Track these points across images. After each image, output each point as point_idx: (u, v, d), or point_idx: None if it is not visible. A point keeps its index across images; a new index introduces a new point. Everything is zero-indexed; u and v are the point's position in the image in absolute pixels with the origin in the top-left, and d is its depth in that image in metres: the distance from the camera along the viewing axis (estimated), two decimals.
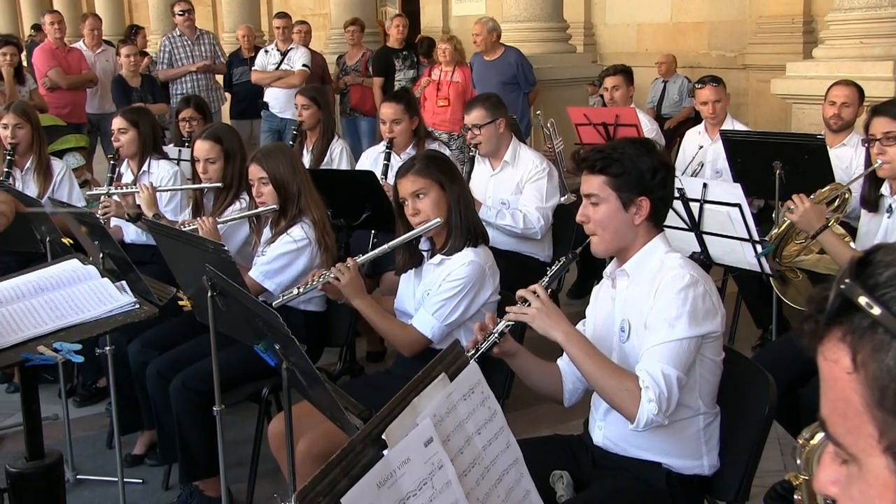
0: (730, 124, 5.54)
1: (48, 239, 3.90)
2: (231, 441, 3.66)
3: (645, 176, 2.49)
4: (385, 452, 1.41)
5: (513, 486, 1.70)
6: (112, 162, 5.13)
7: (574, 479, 2.60)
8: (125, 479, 3.65)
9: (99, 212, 4.62)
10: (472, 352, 2.56)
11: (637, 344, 2.50)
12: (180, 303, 3.35)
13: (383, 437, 1.42)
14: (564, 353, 2.73)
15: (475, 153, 4.94)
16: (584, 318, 2.83)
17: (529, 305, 2.51)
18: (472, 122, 4.81)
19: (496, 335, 2.56)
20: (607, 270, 2.71)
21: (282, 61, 8.96)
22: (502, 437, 1.71)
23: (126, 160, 5.09)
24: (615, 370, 2.43)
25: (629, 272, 2.58)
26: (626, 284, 2.60)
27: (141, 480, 4.01)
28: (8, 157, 4.96)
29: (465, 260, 3.22)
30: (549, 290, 2.59)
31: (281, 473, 3.44)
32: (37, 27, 12.87)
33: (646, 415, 2.33)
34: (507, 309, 2.57)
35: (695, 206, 3.78)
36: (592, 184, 2.53)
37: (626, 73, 6.21)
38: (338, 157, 5.69)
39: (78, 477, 3.97)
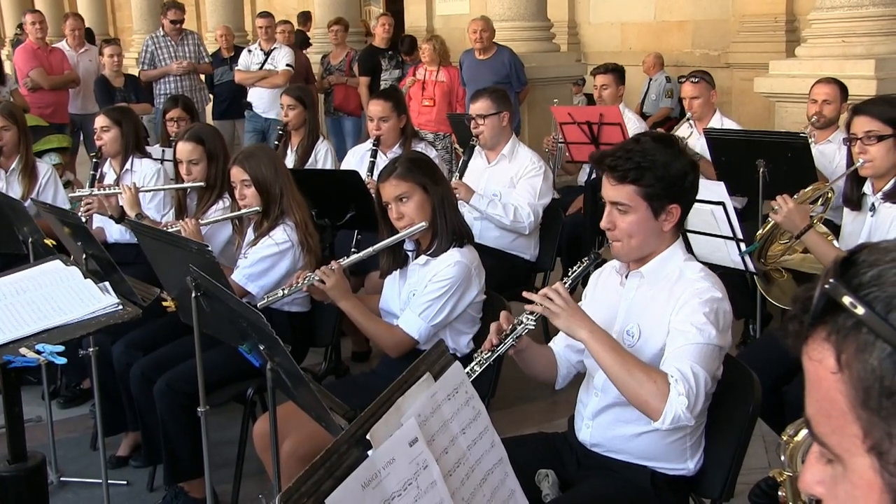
0: (718, 121, 5.54)
1: (31, 240, 3.87)
2: (216, 442, 3.65)
3: (677, 182, 2.41)
4: (370, 453, 1.40)
5: (498, 485, 1.70)
6: (95, 160, 5.10)
7: (559, 478, 2.60)
8: (109, 481, 3.63)
9: (81, 209, 4.60)
10: (488, 353, 2.51)
11: (648, 350, 2.45)
12: (164, 304, 3.33)
13: (368, 437, 1.42)
14: (557, 337, 2.73)
15: (476, 142, 4.95)
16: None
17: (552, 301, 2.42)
18: (477, 111, 4.85)
19: (513, 338, 2.50)
20: (616, 265, 2.65)
21: (265, 61, 8.93)
22: (487, 436, 1.70)
23: (108, 159, 5.07)
24: (641, 365, 2.33)
25: (645, 274, 2.52)
26: (636, 285, 2.55)
27: (125, 482, 3.98)
28: None
29: (452, 260, 3.21)
30: (569, 289, 2.51)
31: (266, 474, 3.43)
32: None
33: (674, 409, 2.22)
34: (527, 296, 2.47)
35: None
36: (621, 193, 2.42)
37: (616, 72, 6.20)
38: (322, 157, 5.68)
39: (62, 479, 3.94)
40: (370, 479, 1.37)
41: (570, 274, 2.62)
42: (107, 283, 2.48)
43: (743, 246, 3.67)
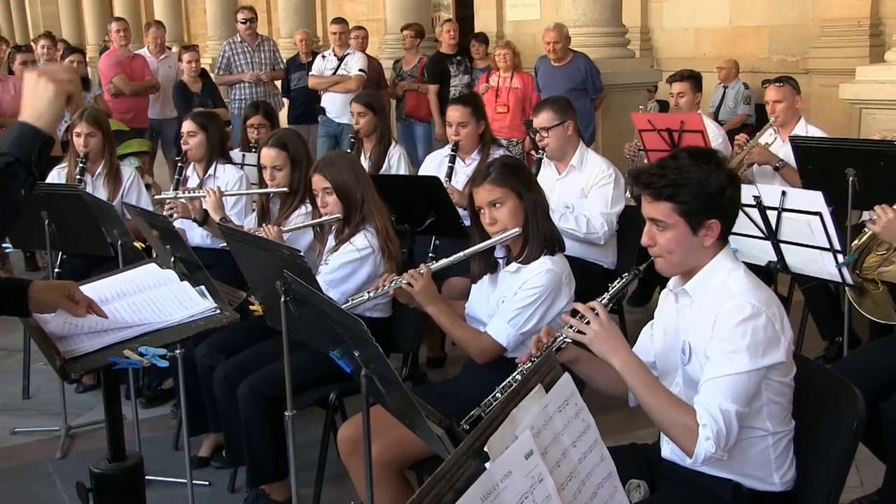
0: (803, 128, 5.41)
1: (119, 242, 3.94)
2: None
3: (714, 198, 2.40)
4: (487, 465, 1.39)
5: (607, 499, 1.67)
6: (179, 164, 5.19)
7: (650, 489, 2.57)
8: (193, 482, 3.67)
9: (164, 212, 4.68)
10: (529, 365, 2.54)
11: (699, 368, 2.43)
12: (251, 307, 3.36)
13: (485, 449, 1.40)
14: None
15: (542, 155, 4.92)
16: (644, 326, 2.78)
17: (588, 323, 2.45)
18: (540, 124, 4.81)
19: (552, 351, 2.51)
20: (670, 284, 2.64)
21: (339, 66, 9.00)
22: (596, 449, 1.68)
23: (192, 163, 5.15)
24: (673, 403, 2.37)
25: (690, 292, 2.51)
26: (688, 303, 2.53)
27: (207, 483, 4.03)
28: (80, 164, 5.05)
29: (543, 268, 3.19)
30: (609, 308, 2.54)
31: (346, 478, 3.44)
32: None
33: (703, 453, 2.28)
34: (564, 319, 2.53)
35: (772, 214, 3.69)
36: (658, 210, 2.43)
37: (693, 79, 6.09)
38: (396, 163, 5.68)
39: (146, 478, 3.99)
40: (489, 492, 1.35)
41: (609, 290, 2.63)
42: (203, 287, 2.50)
43: (840, 257, 3.57)
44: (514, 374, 2.62)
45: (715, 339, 2.35)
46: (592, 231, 4.68)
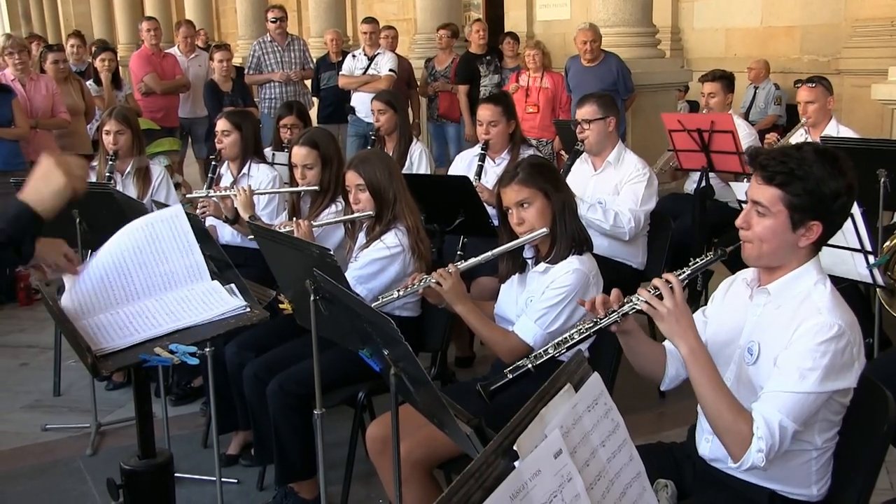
0: (834, 129, 5.37)
1: None
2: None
3: (826, 200, 2.30)
4: (516, 464, 1.39)
5: (636, 499, 1.66)
6: (213, 163, 5.22)
7: (678, 488, 2.55)
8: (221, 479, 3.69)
9: (197, 211, 4.72)
10: (590, 324, 2.49)
11: (763, 372, 2.37)
12: (281, 306, 3.37)
13: (515, 447, 1.40)
14: None
15: (581, 147, 4.92)
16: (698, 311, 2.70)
17: (661, 298, 2.36)
18: (583, 116, 4.85)
19: (618, 315, 2.45)
20: (748, 277, 2.57)
21: (369, 66, 9.02)
22: (625, 449, 1.67)
23: (226, 162, 5.18)
24: (734, 407, 2.28)
25: (772, 293, 2.44)
26: (763, 302, 2.46)
27: (236, 480, 4.06)
28: (110, 162, 5.10)
29: (570, 268, 3.19)
30: (685, 284, 2.44)
31: (374, 477, 3.45)
32: None
33: (751, 461, 2.24)
34: (639, 293, 2.41)
35: None
36: (765, 194, 2.34)
37: (725, 79, 6.05)
38: (417, 159, 5.68)
39: (176, 475, 4.01)
40: (518, 491, 1.35)
41: (690, 264, 2.52)
42: (233, 286, 2.52)
43: (871, 259, 3.54)
44: (571, 332, 2.55)
45: (790, 352, 2.29)
46: (619, 225, 4.67)
